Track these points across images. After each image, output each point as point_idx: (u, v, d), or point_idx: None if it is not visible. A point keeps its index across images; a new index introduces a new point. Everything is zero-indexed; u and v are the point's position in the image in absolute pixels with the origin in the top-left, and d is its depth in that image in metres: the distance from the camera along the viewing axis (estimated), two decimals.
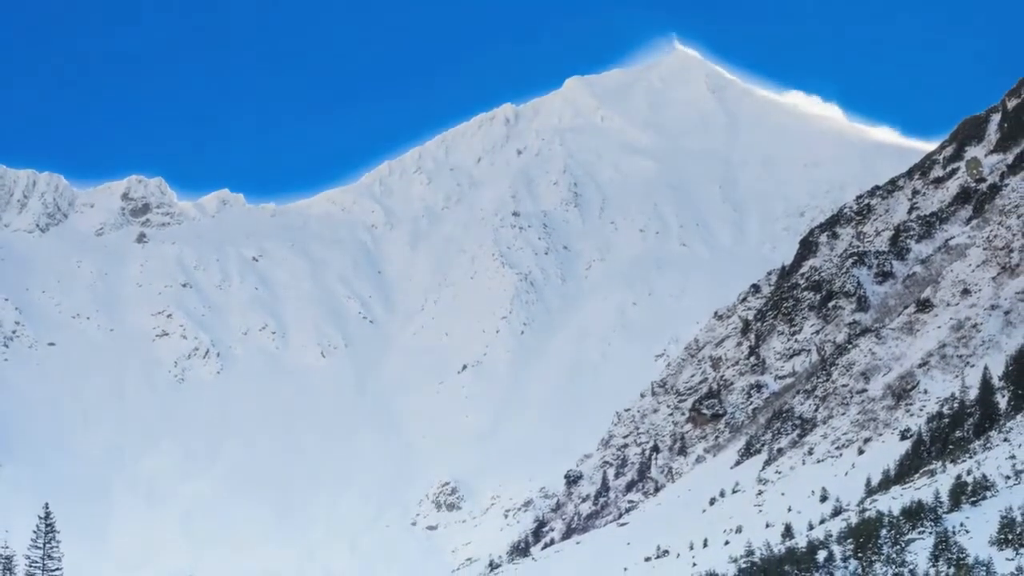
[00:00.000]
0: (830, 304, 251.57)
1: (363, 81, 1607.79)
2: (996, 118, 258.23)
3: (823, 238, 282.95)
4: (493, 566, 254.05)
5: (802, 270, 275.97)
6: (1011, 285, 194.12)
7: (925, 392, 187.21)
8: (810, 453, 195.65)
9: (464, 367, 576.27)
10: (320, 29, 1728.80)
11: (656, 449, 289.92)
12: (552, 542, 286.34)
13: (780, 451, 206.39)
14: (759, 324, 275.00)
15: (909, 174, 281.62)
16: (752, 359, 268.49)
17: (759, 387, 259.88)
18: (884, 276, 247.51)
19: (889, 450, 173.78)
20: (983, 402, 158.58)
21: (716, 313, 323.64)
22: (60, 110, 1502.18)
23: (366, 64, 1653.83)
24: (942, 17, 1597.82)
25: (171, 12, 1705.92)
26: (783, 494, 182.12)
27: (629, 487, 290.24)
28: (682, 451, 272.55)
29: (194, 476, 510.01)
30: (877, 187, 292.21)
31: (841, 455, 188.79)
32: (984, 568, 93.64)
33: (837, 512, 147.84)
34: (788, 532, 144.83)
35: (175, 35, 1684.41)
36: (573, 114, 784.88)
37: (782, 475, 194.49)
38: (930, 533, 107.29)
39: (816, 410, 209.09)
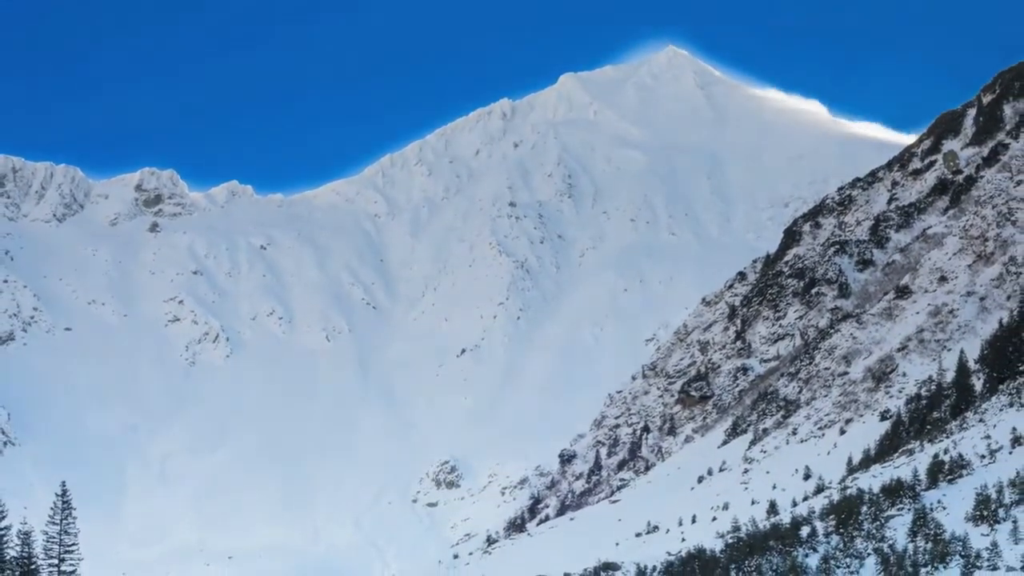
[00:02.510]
0: (813, 291, 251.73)
1: (366, 78, 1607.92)
2: (972, 113, 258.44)
3: (806, 228, 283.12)
4: (490, 541, 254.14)
5: (786, 258, 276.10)
6: (986, 272, 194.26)
7: (904, 375, 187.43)
8: (794, 433, 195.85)
9: (463, 351, 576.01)
10: (325, 29, 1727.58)
11: (646, 429, 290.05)
12: (547, 518, 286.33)
13: (765, 431, 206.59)
14: (745, 310, 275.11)
15: (889, 166, 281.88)
16: (738, 343, 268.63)
17: (745, 370, 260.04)
18: (865, 264, 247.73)
19: (869, 430, 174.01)
20: (959, 384, 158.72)
21: (704, 299, 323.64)
22: (76, 106, 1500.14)
23: (369, 62, 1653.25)
24: (920, 17, 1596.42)
25: (180, 13, 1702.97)
26: (768, 472, 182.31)
27: (621, 466, 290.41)
28: (671, 431, 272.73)
29: (204, 455, 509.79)
30: (858, 179, 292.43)
31: (824, 435, 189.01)
32: (960, 543, 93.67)
33: (820, 490, 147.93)
34: (773, 509, 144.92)
35: (186, 34, 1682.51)
36: (567, 109, 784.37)
37: (767, 454, 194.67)
38: (909, 510, 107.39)
39: (800, 392, 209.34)
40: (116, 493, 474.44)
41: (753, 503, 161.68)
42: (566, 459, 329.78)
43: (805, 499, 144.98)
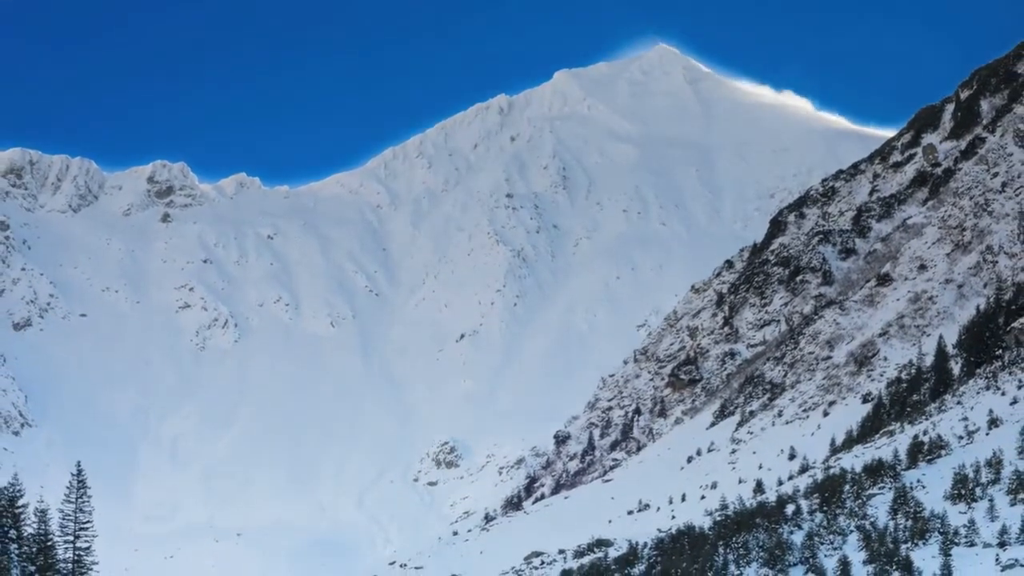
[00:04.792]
0: (798, 278, 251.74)
1: (369, 75, 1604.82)
2: (950, 108, 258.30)
3: (791, 218, 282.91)
4: (488, 519, 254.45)
5: (772, 247, 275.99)
6: (964, 261, 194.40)
7: (885, 359, 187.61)
8: (779, 415, 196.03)
9: (462, 336, 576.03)
10: (329, 29, 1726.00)
11: (638, 411, 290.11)
12: (542, 497, 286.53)
13: (752, 413, 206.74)
14: (732, 297, 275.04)
15: (870, 159, 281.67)
16: (726, 329, 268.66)
17: (732, 354, 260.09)
18: (847, 253, 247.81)
19: (852, 412, 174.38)
20: (938, 368, 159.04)
21: (693, 287, 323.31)
22: (91, 101, 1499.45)
23: (372, 59, 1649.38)
24: (901, 16, 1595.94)
25: (189, 14, 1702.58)
26: (754, 453, 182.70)
27: (613, 446, 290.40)
28: (662, 413, 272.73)
29: (213, 437, 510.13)
30: (841, 171, 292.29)
31: (808, 417, 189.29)
32: (939, 520, 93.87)
33: (804, 469, 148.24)
34: (759, 488, 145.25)
35: (195, 33, 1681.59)
36: (562, 104, 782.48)
37: (754, 435, 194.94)
38: (889, 488, 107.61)
39: (785, 376, 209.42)
40: (129, 472, 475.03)
41: (740, 482, 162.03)
42: (561, 440, 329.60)
43: (790, 478, 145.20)
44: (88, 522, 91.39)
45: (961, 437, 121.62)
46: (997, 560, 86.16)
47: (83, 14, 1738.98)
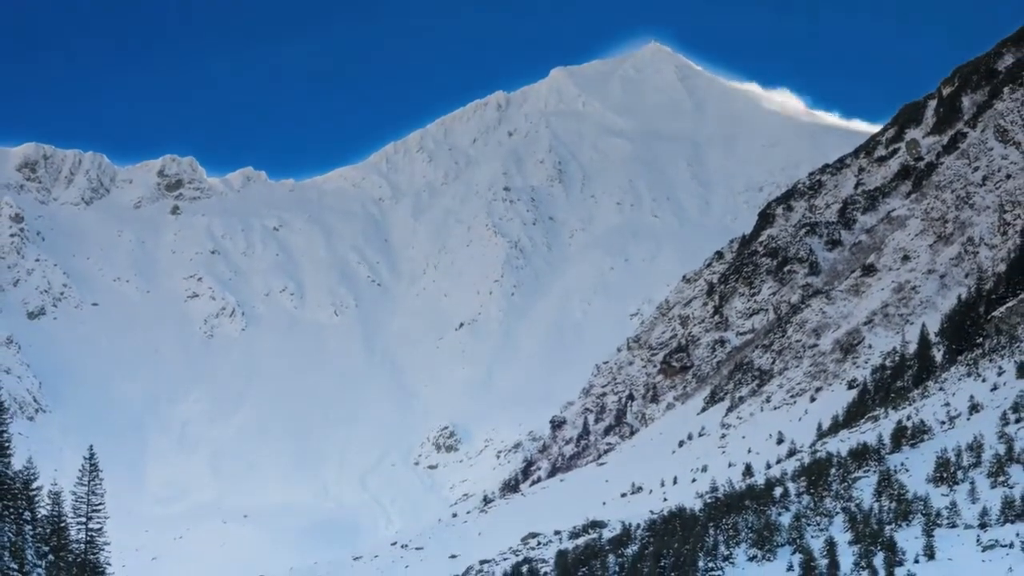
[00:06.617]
0: (785, 269, 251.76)
1: (372, 72, 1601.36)
2: (933, 104, 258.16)
3: (779, 210, 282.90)
4: (487, 501, 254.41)
5: (761, 239, 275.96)
6: (946, 252, 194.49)
7: (870, 347, 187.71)
8: (768, 401, 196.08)
9: (461, 324, 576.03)
10: (332, 28, 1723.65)
11: (631, 397, 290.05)
12: (539, 479, 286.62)
13: (741, 399, 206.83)
14: (722, 286, 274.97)
15: (855, 153, 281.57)
16: (716, 317, 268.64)
17: (722, 342, 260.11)
18: (833, 244, 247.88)
19: (838, 398, 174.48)
20: (921, 356, 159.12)
21: (684, 277, 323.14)
22: (103, 97, 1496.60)
23: (374, 58, 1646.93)
24: (885, 15, 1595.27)
25: (197, 14, 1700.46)
26: (744, 437, 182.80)
27: (607, 431, 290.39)
28: (654, 399, 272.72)
29: (221, 421, 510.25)
30: (827, 165, 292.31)
31: (795, 403, 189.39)
32: (922, 503, 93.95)
33: (792, 453, 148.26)
34: (748, 471, 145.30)
35: (203, 31, 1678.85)
36: (558, 100, 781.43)
37: (743, 420, 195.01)
38: (874, 472, 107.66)
39: (773, 363, 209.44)
40: (140, 456, 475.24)
41: (730, 466, 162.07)
42: (557, 425, 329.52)
43: (778, 462, 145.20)
44: (100, 504, 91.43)
45: (943, 422, 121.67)
46: (978, 541, 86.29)
47: (93, 12, 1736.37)
